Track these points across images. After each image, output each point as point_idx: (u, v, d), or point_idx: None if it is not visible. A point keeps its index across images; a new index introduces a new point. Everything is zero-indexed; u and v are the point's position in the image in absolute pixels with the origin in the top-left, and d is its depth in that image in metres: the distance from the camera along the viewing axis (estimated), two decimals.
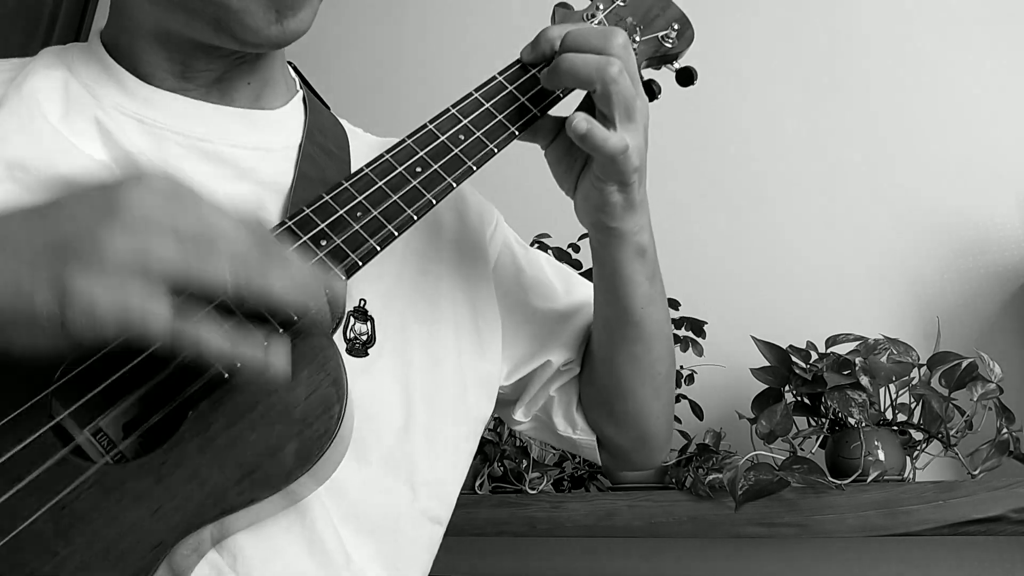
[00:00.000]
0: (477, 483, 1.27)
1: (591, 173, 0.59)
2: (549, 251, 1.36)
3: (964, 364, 1.05)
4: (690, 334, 1.28)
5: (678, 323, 1.29)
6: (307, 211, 0.50)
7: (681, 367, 1.27)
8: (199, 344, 0.38)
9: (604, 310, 0.67)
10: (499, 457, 1.27)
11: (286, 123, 0.63)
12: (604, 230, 0.62)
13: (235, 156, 0.58)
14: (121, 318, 0.36)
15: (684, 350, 1.27)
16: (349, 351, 0.57)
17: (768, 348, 1.14)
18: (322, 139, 0.63)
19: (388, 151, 0.55)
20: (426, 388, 0.61)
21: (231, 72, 0.60)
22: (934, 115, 1.36)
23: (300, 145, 0.61)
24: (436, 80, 1.81)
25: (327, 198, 0.51)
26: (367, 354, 0.57)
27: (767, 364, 1.13)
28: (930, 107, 1.37)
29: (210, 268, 0.38)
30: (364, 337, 0.58)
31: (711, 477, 1.11)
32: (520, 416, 0.75)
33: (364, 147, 0.67)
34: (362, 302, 0.58)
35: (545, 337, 0.73)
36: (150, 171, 0.40)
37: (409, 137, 0.56)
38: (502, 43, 0.60)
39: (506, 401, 0.75)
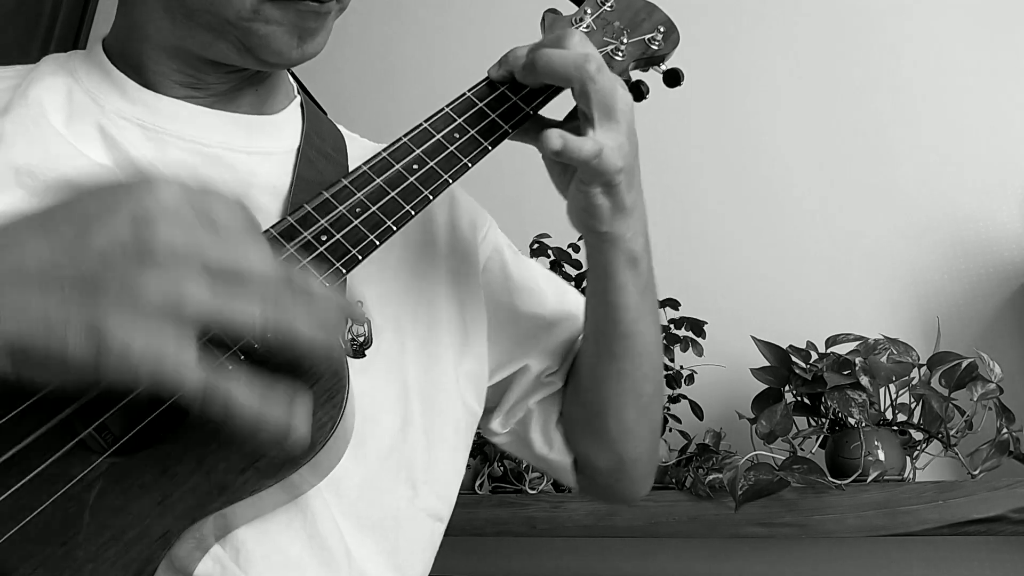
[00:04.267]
0: (477, 483, 1.27)
1: (576, 176, 0.58)
2: (549, 251, 1.36)
3: (964, 364, 1.06)
4: (690, 334, 1.28)
5: (678, 323, 1.29)
6: (308, 208, 0.51)
7: (681, 367, 1.27)
8: (228, 403, 0.37)
9: (594, 318, 0.66)
10: (499, 457, 1.27)
11: (284, 127, 0.64)
12: (594, 234, 0.61)
13: (234, 160, 0.59)
14: (156, 367, 0.35)
15: (684, 350, 1.27)
16: (347, 352, 0.57)
17: (768, 348, 1.14)
18: (320, 143, 0.64)
19: (385, 148, 0.56)
20: (422, 387, 0.61)
21: (242, 84, 0.61)
22: (935, 115, 1.36)
23: (298, 149, 0.62)
24: (429, 81, 1.81)
25: (327, 195, 0.53)
26: (364, 355, 0.58)
27: (767, 364, 1.14)
28: (931, 107, 1.37)
29: (241, 311, 0.37)
30: (361, 339, 0.58)
31: (711, 477, 1.12)
32: (497, 426, 0.73)
33: (360, 151, 0.67)
34: (359, 304, 0.59)
35: (526, 341, 0.71)
36: (165, 177, 0.39)
37: (405, 135, 0.57)
38: (500, 48, 0.61)
39: (485, 408, 0.72)
